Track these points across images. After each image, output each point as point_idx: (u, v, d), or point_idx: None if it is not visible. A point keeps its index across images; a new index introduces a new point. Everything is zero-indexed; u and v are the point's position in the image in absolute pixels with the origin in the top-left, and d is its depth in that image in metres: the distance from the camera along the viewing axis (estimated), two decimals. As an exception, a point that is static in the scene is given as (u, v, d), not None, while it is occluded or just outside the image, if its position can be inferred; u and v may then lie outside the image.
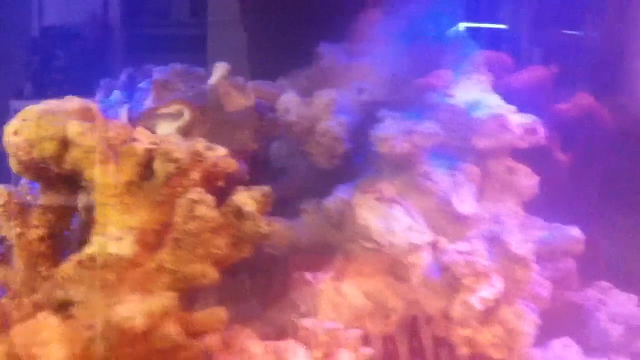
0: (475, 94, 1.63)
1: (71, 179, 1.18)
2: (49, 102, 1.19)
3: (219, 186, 1.23)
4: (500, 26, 2.14)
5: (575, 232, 1.55)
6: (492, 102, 1.61)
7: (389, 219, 1.44)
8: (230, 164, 1.25)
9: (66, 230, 1.21)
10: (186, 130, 1.53)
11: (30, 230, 1.18)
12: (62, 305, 1.12)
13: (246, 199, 1.21)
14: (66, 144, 1.15)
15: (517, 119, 1.58)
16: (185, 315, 1.15)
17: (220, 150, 1.24)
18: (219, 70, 1.63)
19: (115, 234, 1.11)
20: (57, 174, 1.17)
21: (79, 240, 1.17)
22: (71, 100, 1.20)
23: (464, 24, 1.84)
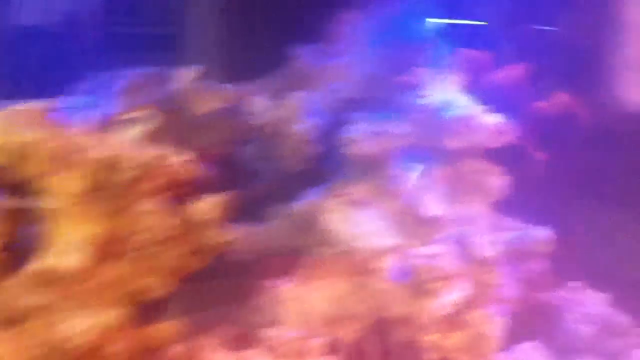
0: (448, 93, 1.62)
1: (24, 189, 1.16)
2: (5, 109, 1.17)
3: (183, 192, 1.21)
4: (478, 22, 2.12)
5: (544, 233, 1.54)
6: (464, 103, 1.59)
7: (356, 223, 1.44)
8: (195, 170, 1.23)
9: (16, 242, 1.18)
10: (155, 135, 1.52)
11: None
12: (11, 322, 1.10)
13: (207, 206, 1.20)
14: (20, 152, 1.13)
15: (488, 119, 1.57)
16: (138, 331, 1.14)
17: (184, 156, 1.23)
18: (190, 73, 1.62)
19: (64, 247, 1.10)
20: (10, 183, 1.15)
21: (31, 252, 1.15)
22: (28, 107, 1.19)
23: (439, 21, 1.82)
